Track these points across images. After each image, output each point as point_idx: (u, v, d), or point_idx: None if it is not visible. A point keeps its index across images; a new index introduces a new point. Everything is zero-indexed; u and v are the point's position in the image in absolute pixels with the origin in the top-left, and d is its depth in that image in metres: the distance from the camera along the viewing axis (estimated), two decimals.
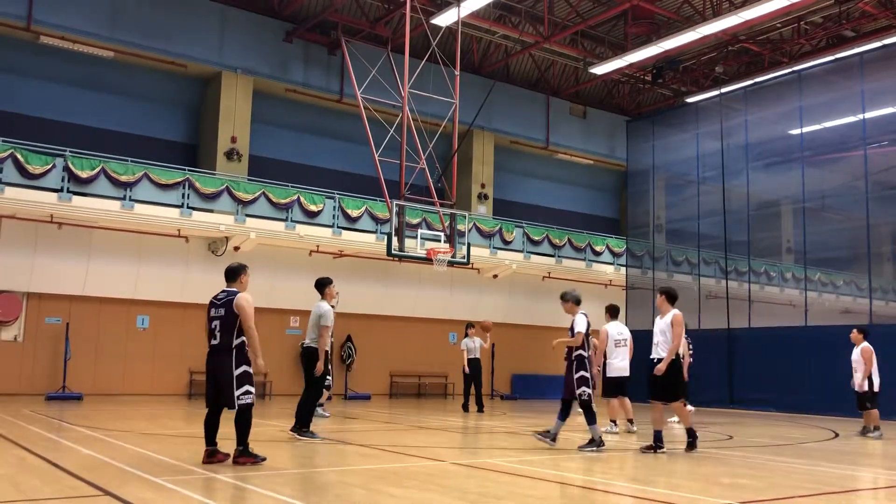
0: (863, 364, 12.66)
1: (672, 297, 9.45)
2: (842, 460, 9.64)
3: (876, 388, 12.64)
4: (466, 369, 16.57)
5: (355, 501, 5.63)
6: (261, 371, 7.46)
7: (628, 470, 8.31)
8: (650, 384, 9.28)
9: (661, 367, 9.06)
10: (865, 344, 12.86)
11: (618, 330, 12.06)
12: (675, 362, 9.22)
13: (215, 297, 7.47)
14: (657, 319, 9.43)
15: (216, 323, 7.35)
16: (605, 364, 12.07)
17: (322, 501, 5.69)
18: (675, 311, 9.28)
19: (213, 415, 7.47)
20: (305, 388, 9.95)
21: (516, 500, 5.93)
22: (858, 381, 12.73)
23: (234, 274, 7.58)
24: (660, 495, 6.30)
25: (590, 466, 8.36)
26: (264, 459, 7.34)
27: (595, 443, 9.22)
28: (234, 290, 7.47)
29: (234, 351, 7.27)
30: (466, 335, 16.91)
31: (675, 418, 15.17)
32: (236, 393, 7.17)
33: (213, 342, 7.38)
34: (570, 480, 7.21)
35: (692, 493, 6.31)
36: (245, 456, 7.31)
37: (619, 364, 11.95)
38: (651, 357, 9.30)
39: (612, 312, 12.25)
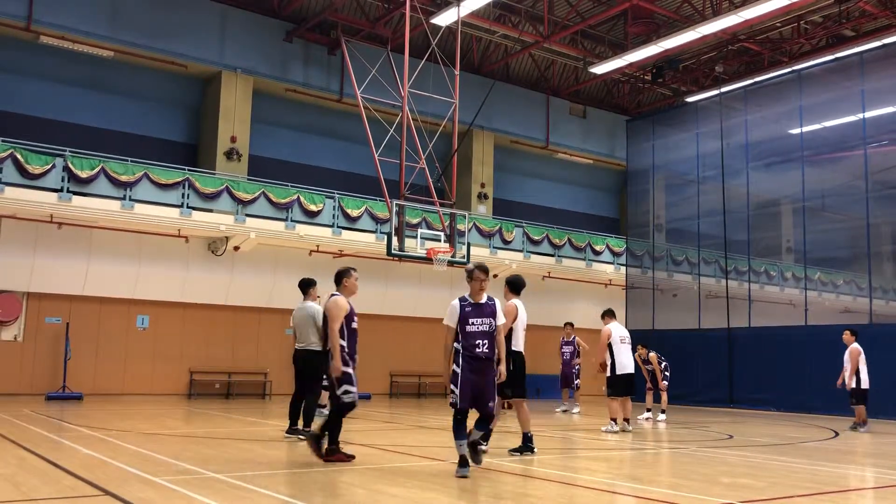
0: (850, 363, 13.71)
1: (513, 287, 9.05)
2: (842, 460, 9.63)
3: (864, 385, 13.65)
4: None
5: (355, 501, 5.63)
6: (334, 374, 7.56)
7: (629, 469, 8.30)
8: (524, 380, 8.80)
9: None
10: (854, 345, 13.86)
11: (620, 328, 12.36)
12: (521, 357, 8.82)
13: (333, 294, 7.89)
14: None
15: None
16: (613, 363, 12.07)
17: (322, 501, 5.69)
18: (510, 302, 8.86)
19: (336, 416, 7.69)
20: (307, 392, 9.94)
21: (516, 500, 5.93)
22: (846, 380, 13.82)
23: (338, 278, 8.00)
24: (660, 495, 6.29)
25: (590, 466, 8.36)
26: (353, 458, 7.54)
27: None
28: (336, 293, 7.83)
29: (331, 352, 7.61)
30: None
31: (646, 415, 15.23)
32: (338, 392, 7.52)
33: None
34: (571, 480, 7.21)
35: (692, 493, 6.31)
36: (335, 454, 7.49)
37: (627, 361, 12.12)
38: (523, 351, 8.92)
39: (611, 314, 12.60)
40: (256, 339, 21.22)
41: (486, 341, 6.91)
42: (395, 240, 18.10)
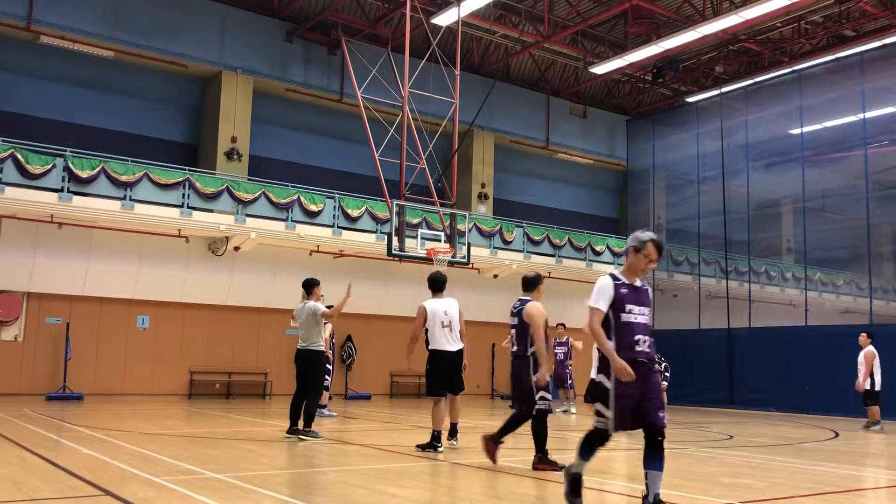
0: (864, 366, 14.07)
1: (433, 284, 9.13)
2: (842, 460, 9.63)
3: (877, 387, 14.04)
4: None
5: (356, 501, 5.63)
6: (541, 382, 7.46)
7: (628, 469, 8.30)
8: (446, 378, 8.83)
9: (466, 363, 8.87)
10: (869, 348, 14.24)
11: None
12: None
13: (513, 306, 7.84)
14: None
15: (512, 331, 7.73)
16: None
17: (322, 501, 5.69)
18: (456, 301, 9.17)
19: (518, 419, 7.64)
20: (308, 392, 9.93)
21: (516, 500, 5.92)
22: (859, 382, 14.15)
23: (532, 283, 7.90)
24: (660, 495, 6.28)
25: (590, 466, 8.35)
26: (563, 467, 7.32)
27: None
28: (528, 298, 7.75)
29: (531, 358, 7.49)
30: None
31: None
32: (535, 399, 7.40)
33: (513, 349, 7.68)
34: None
35: (693, 493, 6.31)
36: (544, 463, 7.36)
37: None
38: (447, 349, 8.87)
39: None
40: (256, 339, 21.21)
41: (647, 338, 5.25)
42: (395, 240, 18.10)
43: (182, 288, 20.03)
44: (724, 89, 23.50)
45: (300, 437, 9.62)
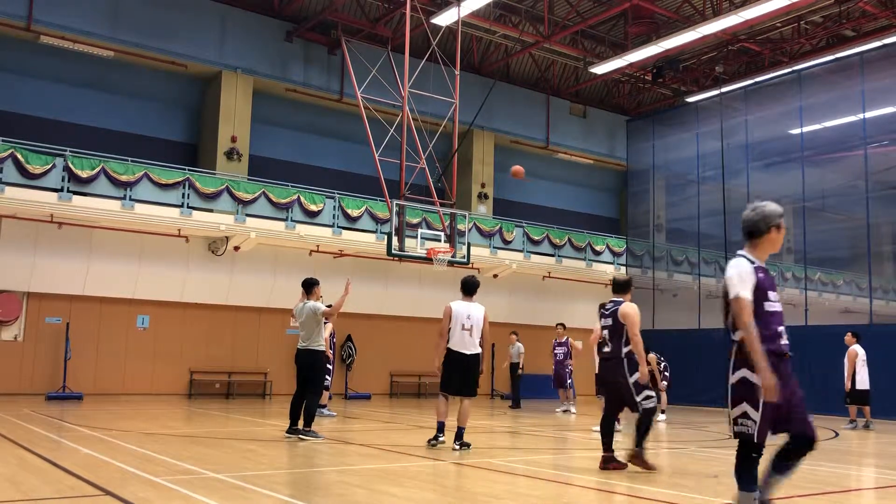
0: (848, 365, 14.43)
1: (464, 287, 9.17)
2: (842, 460, 9.63)
3: (857, 386, 14.36)
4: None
5: (356, 501, 5.63)
6: (641, 380, 7.48)
7: (628, 469, 8.30)
8: (457, 378, 8.92)
9: (484, 368, 8.98)
10: (852, 347, 14.50)
11: None
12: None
13: (603, 307, 7.87)
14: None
15: (606, 332, 7.72)
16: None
17: (322, 501, 5.69)
18: (482, 306, 9.19)
19: (609, 420, 7.69)
20: (308, 392, 9.92)
21: (516, 500, 5.93)
22: (845, 381, 14.53)
23: (625, 286, 7.99)
24: (660, 495, 6.30)
25: (589, 466, 8.36)
26: (654, 468, 7.37)
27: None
28: (621, 299, 7.79)
29: (626, 359, 7.51)
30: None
31: (662, 416, 15.24)
32: (637, 399, 7.43)
33: (606, 350, 7.69)
34: (570, 480, 7.21)
35: (692, 493, 6.31)
36: (638, 458, 7.43)
37: None
38: (462, 351, 8.90)
39: None
40: (256, 339, 21.21)
41: (785, 328, 4.60)
42: (395, 240, 18.10)
43: (182, 288, 20.03)
44: (724, 89, 23.50)
45: (300, 437, 9.62)
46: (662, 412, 15.38)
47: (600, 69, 23.88)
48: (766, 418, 4.35)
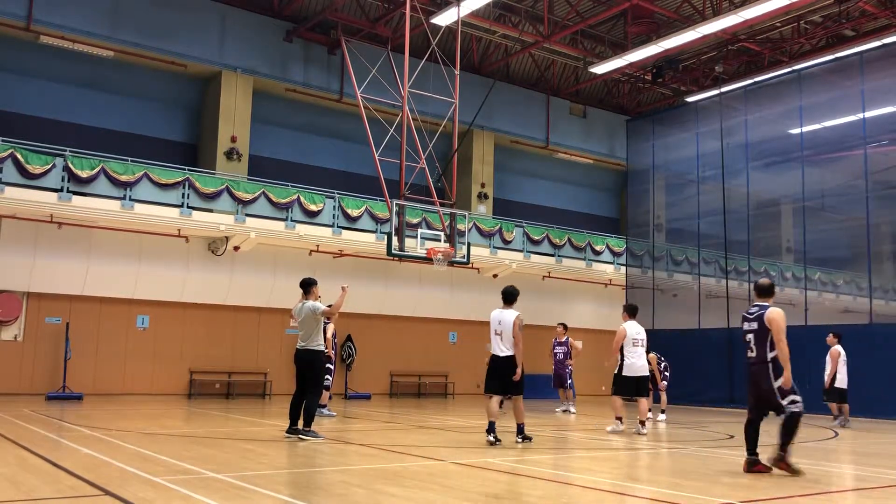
0: (829, 364, 14.72)
1: (502, 296, 10.02)
2: (842, 460, 9.63)
3: (836, 384, 14.66)
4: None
5: (356, 501, 5.63)
6: (785, 385, 7.46)
7: (628, 470, 8.31)
8: (496, 379, 9.72)
9: (519, 371, 9.58)
10: (834, 347, 14.83)
11: (635, 329, 11.96)
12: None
13: (747, 312, 7.87)
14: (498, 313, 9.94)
15: (750, 337, 7.73)
16: (622, 363, 11.92)
17: (322, 501, 5.69)
18: (516, 312, 9.88)
19: (753, 424, 7.72)
20: (308, 391, 9.91)
21: (516, 500, 5.93)
22: (826, 379, 14.79)
23: (769, 289, 7.94)
24: (660, 495, 6.30)
25: (590, 466, 8.36)
26: (800, 473, 7.34)
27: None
28: (766, 304, 7.76)
29: (771, 364, 7.54)
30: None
31: (662, 416, 15.24)
32: (783, 403, 7.44)
33: (750, 354, 7.72)
34: (570, 480, 7.21)
35: (693, 493, 6.31)
36: (782, 461, 7.40)
37: (639, 363, 11.87)
38: (496, 354, 9.75)
39: (631, 312, 12.28)
40: (256, 339, 21.22)
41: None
42: (395, 240, 18.09)
43: (182, 288, 20.03)
44: (724, 89, 23.49)
45: (300, 437, 9.62)
46: (662, 412, 15.38)
47: (600, 69, 23.88)
48: None
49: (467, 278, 23.97)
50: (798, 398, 7.49)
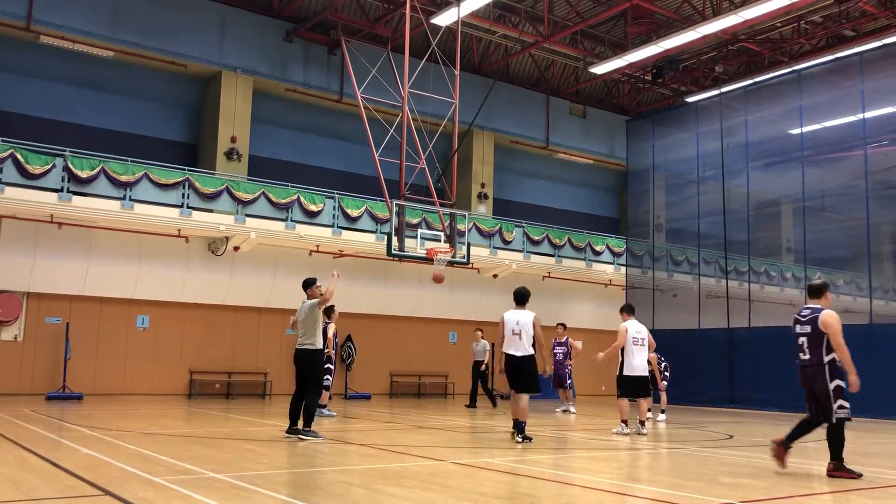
0: None
1: (514, 297, 10.51)
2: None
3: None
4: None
5: (356, 501, 5.63)
6: (853, 388, 7.40)
7: (628, 470, 8.31)
8: (513, 377, 10.05)
9: (548, 369, 10.05)
10: None
11: (636, 328, 11.90)
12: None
13: (799, 314, 7.86)
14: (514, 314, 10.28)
15: (803, 339, 7.70)
16: (623, 363, 11.87)
17: (322, 501, 5.69)
18: (533, 313, 10.30)
19: (811, 424, 7.62)
20: (308, 391, 9.90)
21: (516, 500, 5.93)
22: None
23: (821, 290, 8.04)
24: (660, 495, 6.30)
25: (590, 466, 8.37)
26: (860, 476, 7.32)
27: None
28: (819, 306, 7.76)
29: (827, 366, 7.47)
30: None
31: (662, 416, 15.25)
32: (834, 406, 7.36)
33: (803, 357, 7.67)
34: (570, 480, 7.21)
35: (693, 493, 6.31)
36: (841, 470, 7.36)
37: (639, 363, 11.78)
38: (514, 353, 10.02)
39: (630, 311, 12.23)
40: (256, 339, 21.22)
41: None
42: (395, 240, 18.09)
43: (182, 288, 20.03)
44: (724, 89, 23.49)
45: (300, 437, 9.62)
46: (662, 412, 15.38)
47: (600, 69, 23.88)
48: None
49: (467, 278, 23.96)
50: (847, 403, 7.43)
